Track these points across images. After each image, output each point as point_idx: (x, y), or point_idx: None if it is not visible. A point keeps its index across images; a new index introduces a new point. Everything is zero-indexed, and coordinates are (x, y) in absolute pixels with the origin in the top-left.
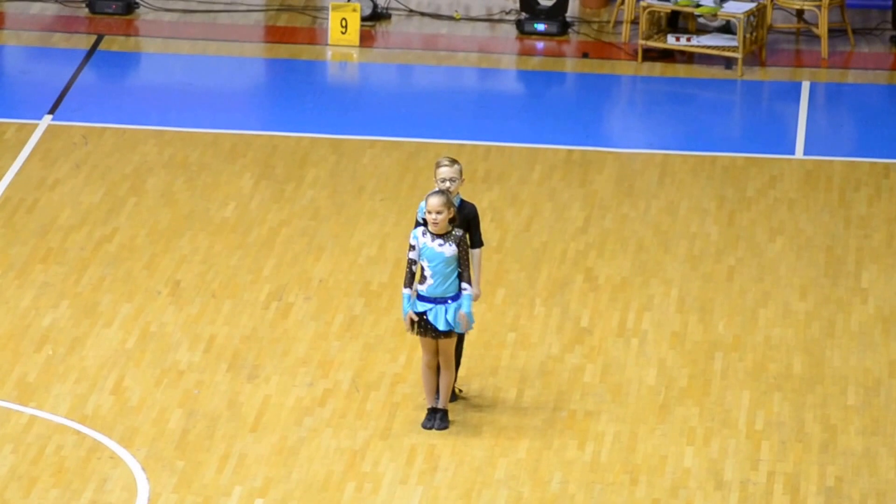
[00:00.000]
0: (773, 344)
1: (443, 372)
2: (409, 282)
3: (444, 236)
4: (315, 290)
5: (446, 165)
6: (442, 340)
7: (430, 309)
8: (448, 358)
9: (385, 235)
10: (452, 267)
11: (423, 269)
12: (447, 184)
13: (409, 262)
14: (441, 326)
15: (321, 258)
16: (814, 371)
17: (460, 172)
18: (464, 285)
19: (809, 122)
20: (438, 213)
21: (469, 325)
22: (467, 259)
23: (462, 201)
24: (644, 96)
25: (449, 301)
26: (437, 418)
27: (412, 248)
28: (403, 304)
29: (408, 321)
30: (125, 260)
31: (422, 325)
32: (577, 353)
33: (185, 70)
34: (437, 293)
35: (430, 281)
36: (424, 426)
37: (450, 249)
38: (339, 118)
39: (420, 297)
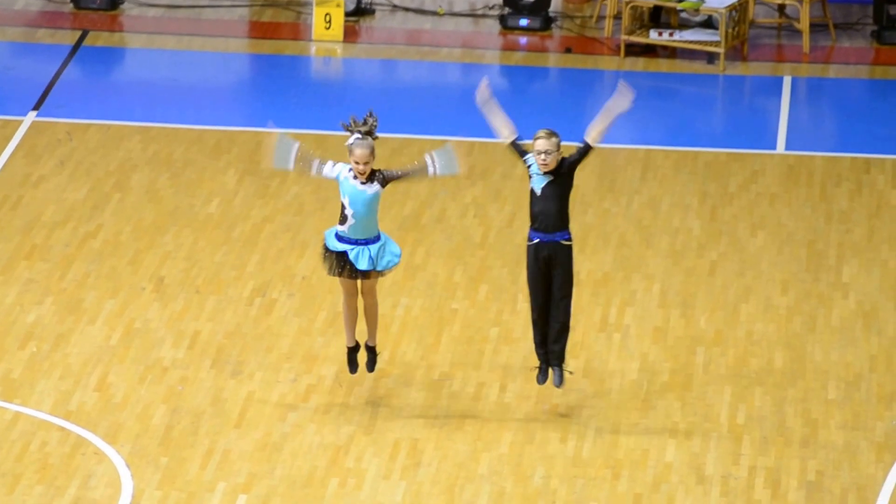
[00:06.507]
0: (754, 339)
1: (369, 311)
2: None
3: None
4: (299, 287)
5: (543, 138)
6: (364, 281)
7: (352, 249)
8: (374, 298)
9: None
10: (373, 208)
11: (343, 208)
12: (543, 156)
13: (323, 161)
14: (362, 266)
15: (305, 254)
16: (795, 366)
17: (558, 145)
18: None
19: (791, 117)
20: (366, 163)
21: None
22: (407, 171)
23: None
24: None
25: (370, 242)
26: (367, 358)
27: (332, 165)
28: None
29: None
30: (109, 256)
31: (341, 264)
32: None
33: (170, 66)
34: (359, 234)
35: (350, 221)
36: (351, 371)
37: (371, 188)
38: (323, 114)
39: (340, 238)
